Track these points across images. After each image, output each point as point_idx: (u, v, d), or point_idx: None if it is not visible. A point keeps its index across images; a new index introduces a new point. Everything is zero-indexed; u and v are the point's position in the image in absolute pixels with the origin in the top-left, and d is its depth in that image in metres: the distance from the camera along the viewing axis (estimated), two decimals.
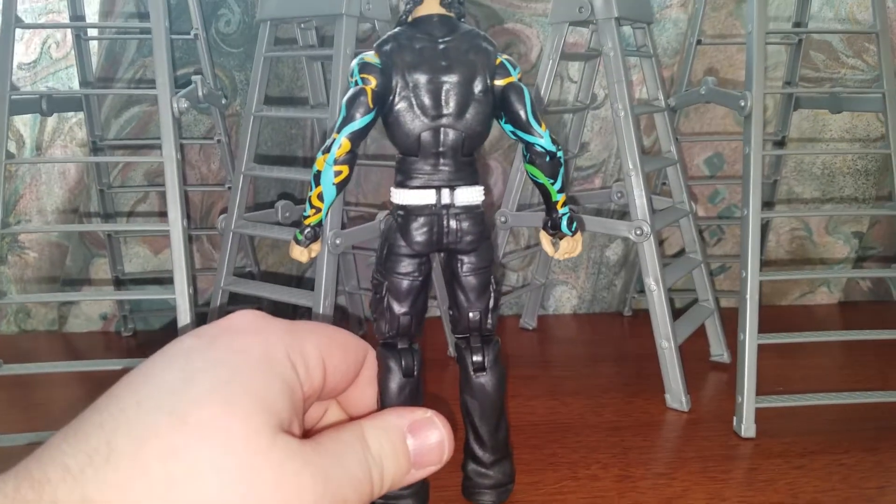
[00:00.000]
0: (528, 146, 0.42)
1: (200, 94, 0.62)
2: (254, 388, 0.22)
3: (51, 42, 0.81)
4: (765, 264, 0.95)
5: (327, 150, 0.40)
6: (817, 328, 0.91)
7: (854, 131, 0.91)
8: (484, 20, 0.84)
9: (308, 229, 0.43)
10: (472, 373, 0.45)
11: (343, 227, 0.61)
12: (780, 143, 0.86)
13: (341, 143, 0.40)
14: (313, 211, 0.42)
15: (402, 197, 0.42)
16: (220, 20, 0.80)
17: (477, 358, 0.45)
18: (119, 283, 0.84)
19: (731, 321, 0.73)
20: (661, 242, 0.92)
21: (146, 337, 0.85)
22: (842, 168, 0.92)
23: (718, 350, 0.74)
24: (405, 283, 0.43)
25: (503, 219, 0.72)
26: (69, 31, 0.76)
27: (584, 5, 0.60)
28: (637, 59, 0.72)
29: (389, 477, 0.26)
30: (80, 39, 0.75)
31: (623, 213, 0.88)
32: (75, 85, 0.78)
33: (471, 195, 0.43)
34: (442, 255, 0.46)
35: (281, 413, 0.23)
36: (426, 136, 0.41)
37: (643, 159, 0.62)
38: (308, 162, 0.83)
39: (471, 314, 0.45)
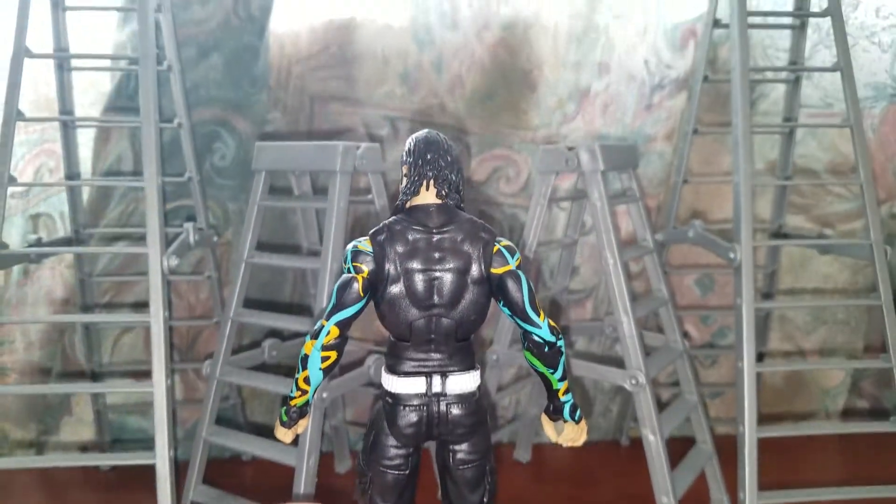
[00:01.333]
0: (527, 334, 0.41)
1: (192, 240, 0.62)
2: None
3: (44, 170, 0.81)
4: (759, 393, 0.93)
5: (315, 336, 0.40)
6: (817, 462, 0.89)
7: (843, 259, 0.91)
8: (476, 146, 0.86)
9: (294, 410, 0.42)
10: None
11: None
12: (771, 276, 0.86)
13: (329, 330, 0.39)
14: (299, 393, 0.41)
15: (392, 384, 0.41)
16: (214, 154, 0.81)
17: None
18: (99, 414, 0.81)
19: (728, 455, 0.70)
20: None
21: (127, 473, 0.82)
22: (832, 294, 0.92)
23: (718, 495, 0.71)
24: (390, 476, 0.41)
25: (495, 357, 0.71)
26: (61, 162, 0.76)
27: (571, 158, 0.62)
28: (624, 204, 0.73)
29: None
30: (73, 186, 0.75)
31: (616, 341, 0.87)
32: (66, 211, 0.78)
33: (465, 383, 0.41)
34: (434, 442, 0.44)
35: None
36: (418, 324, 0.40)
37: (635, 305, 0.61)
38: (293, 308, 0.83)
39: None
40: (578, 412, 0.43)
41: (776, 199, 0.85)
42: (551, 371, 0.41)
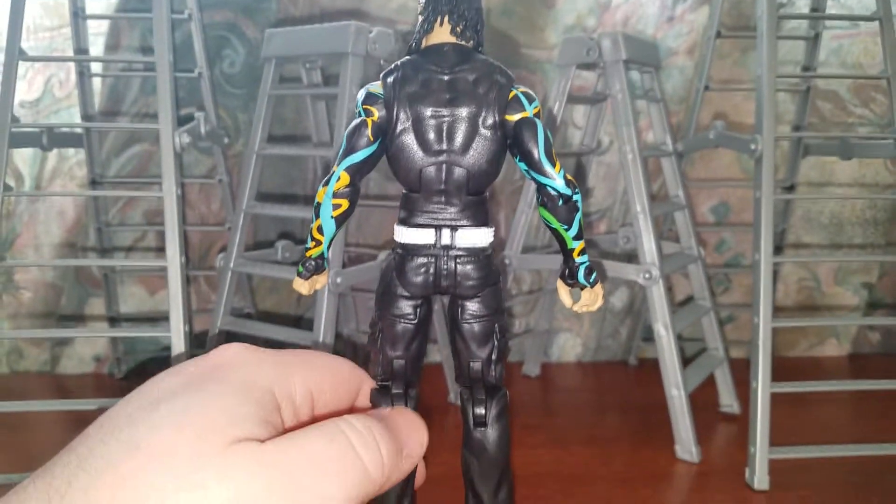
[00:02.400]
0: (541, 188, 0.39)
1: (203, 130, 0.62)
2: (212, 411, 0.23)
3: (54, 81, 0.80)
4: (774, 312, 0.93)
5: (327, 183, 0.39)
6: (827, 380, 0.89)
7: (863, 179, 0.90)
8: None
9: (310, 261, 0.41)
10: (472, 427, 0.42)
11: (344, 266, 0.59)
12: (790, 190, 0.85)
13: (339, 176, 0.38)
14: (314, 243, 0.41)
15: (402, 235, 0.40)
16: (224, 61, 0.80)
17: (479, 410, 0.41)
18: (114, 323, 0.82)
19: (739, 371, 0.71)
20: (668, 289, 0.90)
21: (139, 379, 0.83)
22: (850, 217, 0.91)
23: (728, 401, 0.71)
24: (399, 325, 0.40)
25: (507, 261, 0.71)
26: (72, 69, 0.76)
27: (593, 47, 0.60)
28: (644, 104, 0.72)
29: (382, 449, 0.26)
30: (84, 77, 0.75)
31: (629, 258, 0.87)
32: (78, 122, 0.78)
33: (475, 237, 0.40)
34: (445, 298, 0.44)
35: (246, 427, 0.23)
36: (428, 171, 0.39)
37: (651, 203, 0.61)
38: (309, 201, 0.82)
39: (472, 364, 0.41)
40: (594, 275, 0.42)
41: (797, 114, 0.83)
42: (566, 227, 0.40)
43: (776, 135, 0.57)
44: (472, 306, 0.41)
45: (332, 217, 0.39)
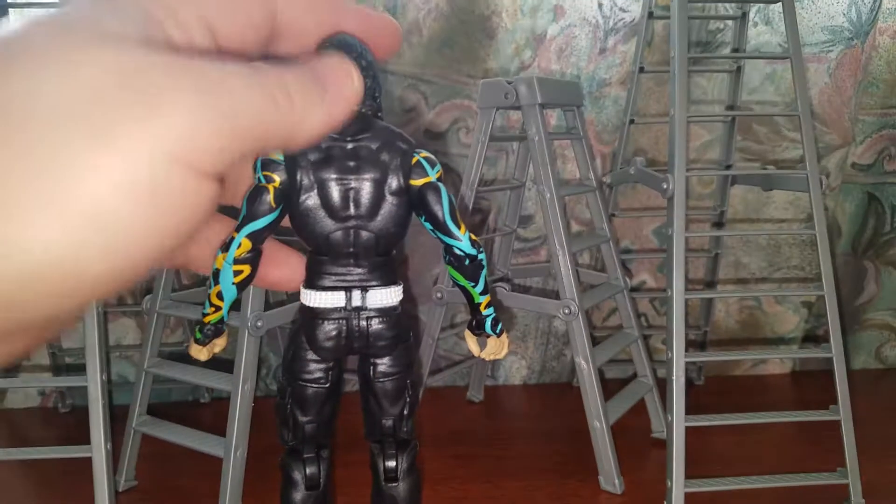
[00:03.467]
0: (448, 248, 0.39)
1: None
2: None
3: None
4: (715, 335, 0.95)
5: (226, 249, 0.39)
6: (769, 400, 0.91)
7: (798, 203, 0.92)
8: (433, 96, 0.86)
9: (208, 327, 0.42)
10: (383, 482, 0.42)
11: (267, 307, 0.60)
12: (720, 216, 0.87)
13: (241, 243, 0.38)
14: (212, 309, 0.41)
15: (310, 298, 0.41)
16: None
17: (390, 464, 0.42)
18: (56, 358, 0.82)
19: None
20: (609, 315, 0.92)
21: (85, 413, 0.84)
22: (787, 238, 0.93)
23: (659, 426, 0.73)
24: (310, 390, 0.41)
25: (439, 294, 0.72)
26: None
27: (510, 92, 0.62)
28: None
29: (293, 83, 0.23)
30: None
31: None
32: None
33: (386, 297, 0.40)
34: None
35: (112, 26, 0.20)
36: (336, 236, 0.39)
37: (570, 239, 0.62)
38: None
39: (384, 421, 0.42)
40: (500, 326, 0.44)
41: (724, 140, 0.85)
42: (472, 284, 0.41)
43: (687, 173, 0.59)
44: (384, 365, 0.41)
45: (233, 284, 0.39)
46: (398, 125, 0.40)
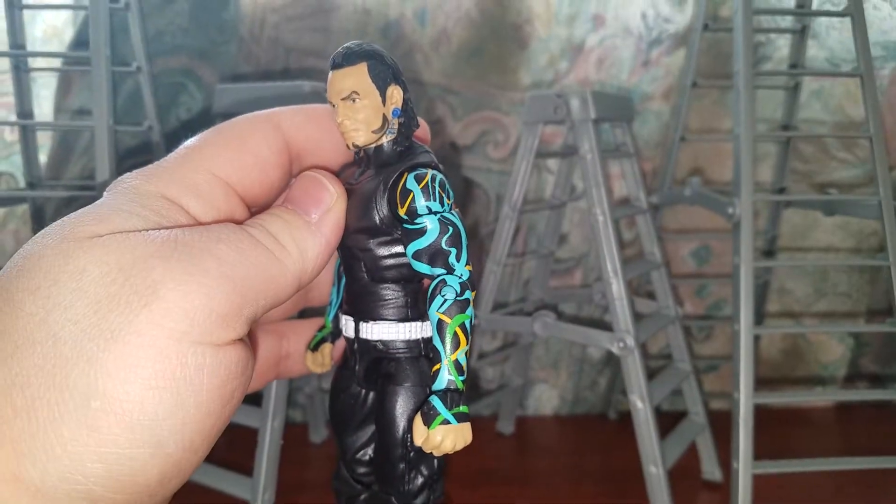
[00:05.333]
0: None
1: None
2: (80, 215, 0.23)
3: (3, 129, 0.76)
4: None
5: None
6: (813, 435, 0.86)
7: (847, 227, 0.87)
8: (461, 108, 0.81)
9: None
10: None
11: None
12: (771, 241, 0.82)
13: None
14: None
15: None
16: (180, 107, 0.77)
17: None
18: None
19: (721, 430, 0.67)
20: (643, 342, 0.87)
21: None
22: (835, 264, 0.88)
23: (710, 468, 0.67)
24: None
25: (476, 322, 0.67)
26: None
27: (560, 106, 0.57)
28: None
29: (287, 237, 0.25)
30: (27, 130, 0.70)
31: (605, 309, 0.83)
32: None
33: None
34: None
35: (115, 222, 0.22)
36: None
37: (625, 266, 0.57)
38: None
39: None
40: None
41: (778, 162, 0.80)
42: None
43: (755, 198, 0.54)
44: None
45: None
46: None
